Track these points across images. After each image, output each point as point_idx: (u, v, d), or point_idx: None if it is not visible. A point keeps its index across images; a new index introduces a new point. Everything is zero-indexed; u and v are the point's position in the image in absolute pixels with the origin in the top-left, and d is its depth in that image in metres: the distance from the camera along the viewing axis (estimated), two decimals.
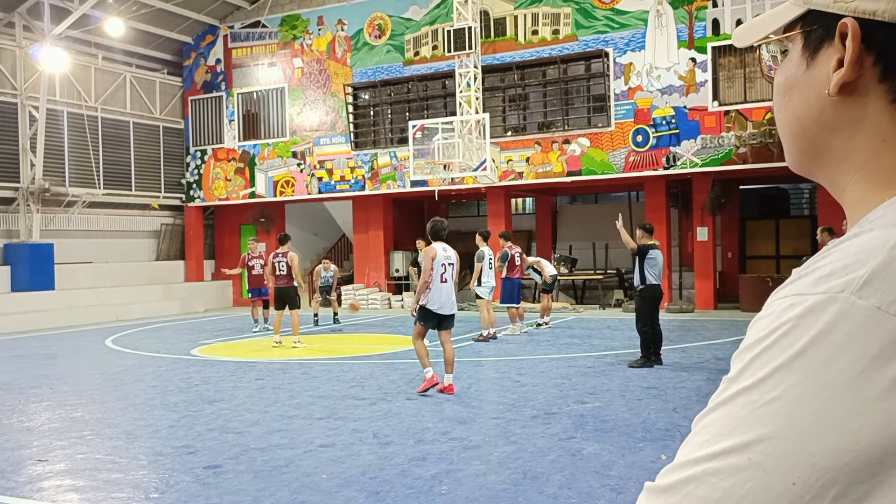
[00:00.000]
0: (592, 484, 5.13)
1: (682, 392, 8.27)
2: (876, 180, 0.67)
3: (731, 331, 13.74)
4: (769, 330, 0.59)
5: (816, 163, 0.73)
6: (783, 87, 0.73)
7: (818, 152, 0.72)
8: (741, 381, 0.58)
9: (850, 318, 0.56)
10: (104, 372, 10.71)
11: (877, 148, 0.67)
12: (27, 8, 18.89)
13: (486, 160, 18.11)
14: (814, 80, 0.69)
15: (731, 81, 17.10)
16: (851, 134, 0.68)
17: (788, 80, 0.73)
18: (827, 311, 0.57)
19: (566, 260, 20.69)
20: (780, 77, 0.74)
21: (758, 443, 0.55)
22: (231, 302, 23.57)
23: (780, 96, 0.74)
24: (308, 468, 5.64)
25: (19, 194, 19.18)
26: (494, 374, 9.70)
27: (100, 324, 18.41)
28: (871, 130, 0.67)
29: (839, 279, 0.58)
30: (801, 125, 0.72)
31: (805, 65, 0.70)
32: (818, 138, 0.71)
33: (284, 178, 21.75)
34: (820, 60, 0.69)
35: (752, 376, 0.58)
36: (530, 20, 18.89)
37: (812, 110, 0.70)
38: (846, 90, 0.67)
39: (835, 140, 0.69)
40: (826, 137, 0.70)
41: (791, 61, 0.72)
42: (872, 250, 0.58)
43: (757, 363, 0.58)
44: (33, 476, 5.64)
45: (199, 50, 22.99)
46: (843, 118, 0.68)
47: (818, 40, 0.69)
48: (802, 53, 0.71)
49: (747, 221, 22.05)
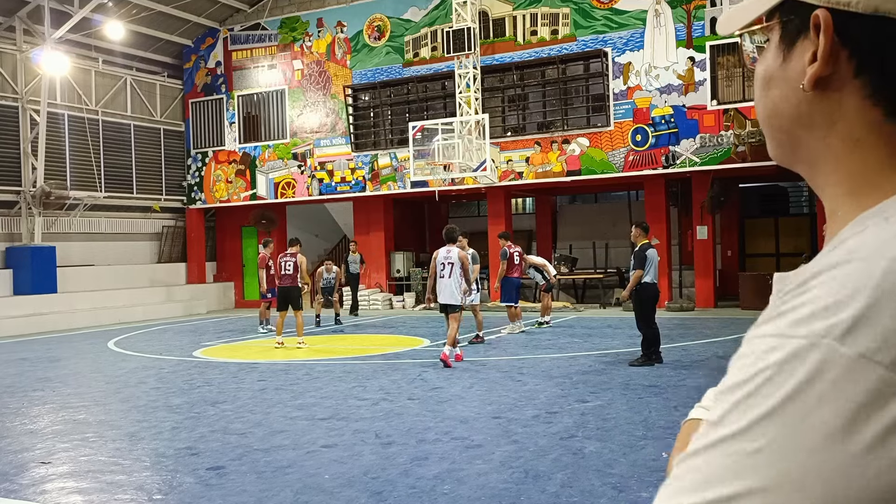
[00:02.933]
0: (594, 482, 5.15)
1: (682, 390, 8.29)
2: (850, 184, 0.64)
3: (731, 329, 13.76)
4: (751, 373, 0.56)
5: (794, 157, 0.70)
6: (762, 79, 0.70)
7: (796, 148, 0.69)
8: (725, 426, 0.55)
9: (833, 366, 0.52)
10: (107, 374, 10.74)
11: (850, 148, 0.64)
12: (27, 12, 18.93)
13: (486, 160, 18.14)
14: (790, 74, 0.66)
15: (729, 80, 17.12)
16: (826, 132, 0.65)
17: (766, 72, 0.70)
18: (809, 358, 0.53)
19: (566, 259, 20.72)
20: (760, 68, 0.71)
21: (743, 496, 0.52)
22: (233, 304, 23.61)
23: (759, 88, 0.71)
24: (311, 469, 5.67)
25: (21, 198, 19.22)
26: (496, 374, 9.73)
27: (102, 326, 18.45)
28: (845, 129, 0.64)
29: (821, 322, 0.54)
30: (779, 119, 0.69)
31: (781, 57, 0.67)
32: (794, 134, 0.68)
33: (285, 179, 21.78)
34: (796, 53, 0.66)
35: (736, 423, 0.55)
36: (529, 21, 18.92)
37: (788, 105, 0.67)
38: (821, 85, 0.64)
39: (810, 137, 0.67)
40: (802, 133, 0.67)
41: (770, 52, 0.69)
42: (855, 290, 0.54)
43: (740, 409, 0.55)
44: (37, 478, 5.67)
45: (200, 53, 23.03)
46: (818, 114, 0.65)
47: (794, 31, 0.66)
48: (779, 45, 0.68)
49: (747, 220, 22.09)
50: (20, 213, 19.30)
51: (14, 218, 19.34)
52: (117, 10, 19.61)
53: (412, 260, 22.23)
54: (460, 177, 18.54)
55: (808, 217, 21.48)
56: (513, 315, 14.26)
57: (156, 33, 21.74)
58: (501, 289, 14.30)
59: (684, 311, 17.63)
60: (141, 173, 22.21)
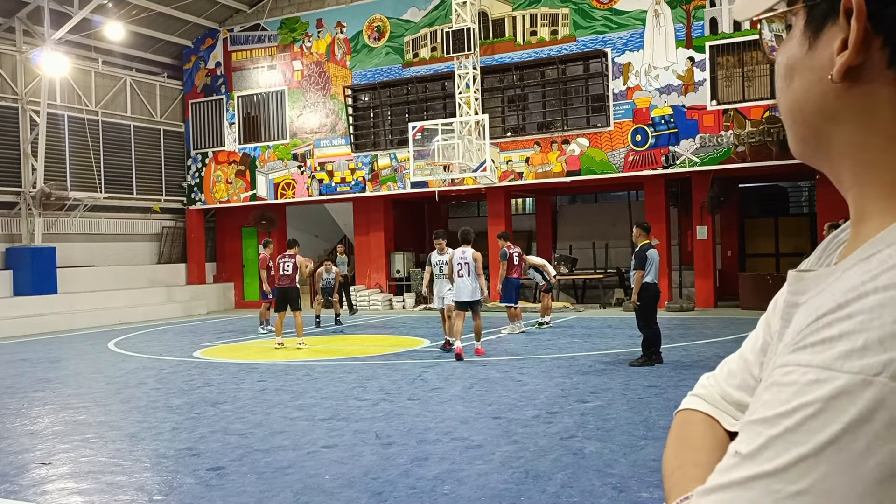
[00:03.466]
0: (594, 483, 5.16)
1: (682, 390, 8.26)
2: (884, 184, 0.59)
3: (731, 329, 13.77)
4: (791, 407, 0.51)
5: (819, 154, 0.65)
6: (784, 68, 0.65)
7: (820, 144, 0.64)
8: (760, 462, 0.51)
9: (890, 406, 0.48)
10: (107, 375, 10.74)
11: (884, 145, 0.59)
12: (27, 13, 18.94)
13: (486, 161, 18.15)
14: (816, 63, 0.61)
15: (729, 80, 17.13)
16: (857, 126, 0.60)
17: (790, 60, 0.64)
18: (862, 396, 0.49)
19: (566, 260, 20.73)
20: (782, 57, 0.66)
21: None
22: (233, 304, 23.62)
23: (780, 79, 0.66)
24: (311, 469, 5.67)
25: (21, 199, 19.23)
26: (496, 374, 9.73)
27: (102, 327, 18.45)
28: (879, 123, 0.59)
29: (875, 357, 0.49)
30: (802, 112, 0.64)
31: (807, 45, 0.62)
32: (820, 128, 0.63)
33: (285, 180, 21.79)
34: (823, 40, 0.61)
35: (774, 460, 0.51)
36: (529, 21, 18.92)
37: (814, 97, 0.62)
38: (851, 76, 0.59)
39: (838, 132, 0.61)
40: (829, 128, 0.62)
41: (793, 40, 0.64)
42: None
43: (779, 444, 0.51)
44: (37, 479, 5.68)
45: (199, 53, 23.04)
46: (848, 108, 0.60)
47: (822, 17, 0.61)
48: (804, 31, 0.63)
49: (746, 220, 22.09)
50: (20, 214, 19.31)
51: (14, 219, 19.34)
52: (117, 10, 19.62)
53: (412, 260, 22.23)
54: (460, 177, 18.55)
55: (807, 217, 21.48)
56: (513, 315, 14.28)
57: (155, 34, 21.75)
58: (502, 289, 14.31)
59: (684, 311, 17.64)
60: (141, 174, 22.21)
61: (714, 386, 0.89)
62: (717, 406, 0.87)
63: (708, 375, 0.92)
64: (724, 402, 0.87)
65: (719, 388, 0.88)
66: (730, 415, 0.85)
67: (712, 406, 0.87)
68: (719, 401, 0.87)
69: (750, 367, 0.85)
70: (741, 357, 0.87)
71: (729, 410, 0.86)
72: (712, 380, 0.90)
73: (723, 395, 0.87)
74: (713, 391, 0.89)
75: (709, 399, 0.88)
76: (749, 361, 0.85)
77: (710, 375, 0.91)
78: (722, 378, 0.89)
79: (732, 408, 0.86)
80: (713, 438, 0.83)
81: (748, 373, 0.85)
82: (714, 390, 0.89)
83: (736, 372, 0.87)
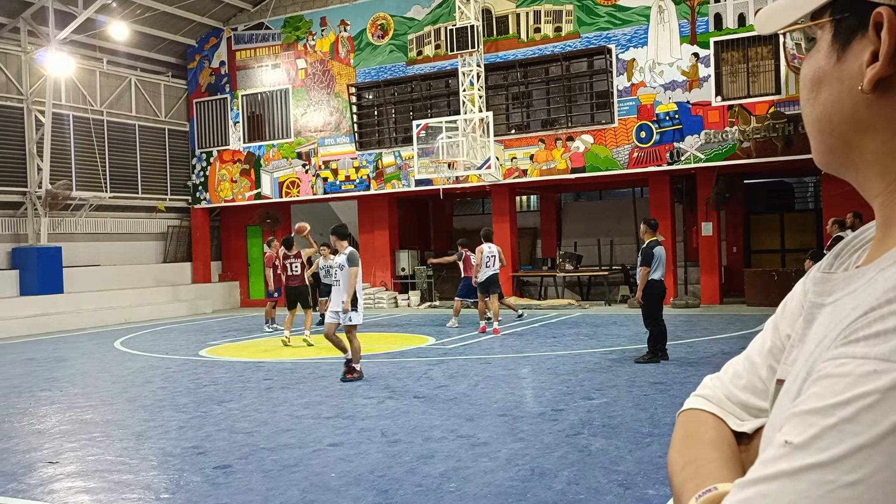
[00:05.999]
0: (600, 479, 5.16)
1: (688, 387, 8.28)
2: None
3: (736, 325, 13.74)
4: (847, 397, 0.51)
5: (847, 163, 0.66)
6: (811, 80, 0.66)
7: (849, 153, 0.65)
8: (812, 452, 0.51)
9: None
10: (113, 374, 10.77)
11: None
12: (32, 13, 18.98)
13: (490, 158, 18.13)
14: (845, 75, 0.62)
15: (734, 76, 17.08)
16: (888, 136, 0.61)
17: (817, 73, 0.65)
18: None
19: (571, 257, 20.71)
20: (808, 69, 0.66)
21: None
22: (238, 303, 23.66)
23: (807, 90, 0.67)
24: (317, 467, 5.68)
25: (27, 199, 19.28)
26: (501, 372, 9.73)
27: (108, 326, 18.50)
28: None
29: None
30: (831, 123, 0.64)
31: (835, 57, 0.63)
32: (849, 138, 0.64)
33: (290, 178, 21.81)
34: (852, 53, 0.62)
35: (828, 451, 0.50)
36: (532, 18, 18.90)
37: (843, 107, 0.63)
38: (882, 87, 0.60)
39: (868, 141, 0.62)
40: (858, 138, 0.63)
41: (820, 52, 0.65)
42: None
43: (833, 435, 0.51)
44: (44, 478, 5.70)
45: (203, 52, 23.06)
46: (879, 118, 0.61)
47: (850, 30, 0.62)
48: (832, 44, 0.63)
49: (752, 216, 22.04)
50: (26, 214, 19.36)
51: (20, 219, 19.40)
52: (121, 10, 19.64)
53: (417, 258, 22.23)
54: (464, 175, 18.54)
55: (813, 213, 21.41)
56: (458, 310, 15.33)
57: (160, 33, 21.79)
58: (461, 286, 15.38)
59: (689, 307, 17.61)
60: (146, 173, 22.26)
61: (719, 387, 0.89)
62: (723, 406, 0.87)
63: (712, 377, 0.92)
64: (730, 402, 0.86)
65: (724, 389, 0.88)
66: (735, 415, 0.85)
67: (717, 406, 0.87)
68: (724, 401, 0.87)
69: (757, 369, 0.85)
70: (747, 359, 0.87)
71: (734, 411, 0.85)
72: (716, 381, 0.90)
73: (728, 395, 0.87)
74: (718, 392, 0.88)
75: (714, 399, 0.88)
76: (756, 363, 0.85)
77: (713, 377, 0.91)
78: (727, 379, 0.88)
79: (738, 408, 0.85)
80: (721, 437, 0.83)
81: (755, 374, 0.85)
82: (719, 391, 0.88)
83: (742, 373, 0.87)
